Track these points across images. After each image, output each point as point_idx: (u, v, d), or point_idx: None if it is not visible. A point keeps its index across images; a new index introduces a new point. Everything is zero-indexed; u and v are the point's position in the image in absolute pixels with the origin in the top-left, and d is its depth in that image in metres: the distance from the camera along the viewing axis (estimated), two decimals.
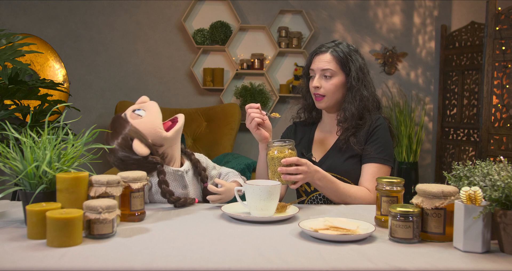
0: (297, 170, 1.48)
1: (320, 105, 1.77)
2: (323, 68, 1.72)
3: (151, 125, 1.50)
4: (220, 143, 3.68)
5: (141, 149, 1.46)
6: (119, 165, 1.51)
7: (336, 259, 1.00)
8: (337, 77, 1.73)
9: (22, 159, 1.18)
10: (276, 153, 1.48)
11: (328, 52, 1.74)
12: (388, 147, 1.72)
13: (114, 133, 1.50)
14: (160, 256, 1.00)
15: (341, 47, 1.75)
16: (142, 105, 1.56)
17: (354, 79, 1.72)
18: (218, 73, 4.05)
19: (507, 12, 3.24)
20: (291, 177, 1.48)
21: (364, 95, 1.73)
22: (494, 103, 3.32)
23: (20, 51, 2.09)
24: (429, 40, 4.23)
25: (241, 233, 1.20)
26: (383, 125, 1.73)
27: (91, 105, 4.09)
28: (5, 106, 2.30)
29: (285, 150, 1.48)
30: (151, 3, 4.07)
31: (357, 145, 1.70)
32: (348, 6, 4.16)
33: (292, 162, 1.47)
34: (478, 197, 1.05)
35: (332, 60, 1.73)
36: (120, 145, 1.48)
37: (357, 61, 1.74)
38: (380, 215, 1.30)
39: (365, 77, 1.75)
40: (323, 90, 1.73)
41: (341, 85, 1.74)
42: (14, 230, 1.18)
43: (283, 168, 1.47)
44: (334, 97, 1.74)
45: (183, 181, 1.57)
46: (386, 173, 1.70)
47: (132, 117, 1.52)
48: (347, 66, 1.73)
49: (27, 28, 3.91)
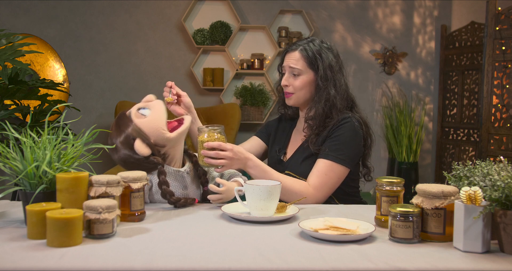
0: (218, 154, 1.51)
1: (289, 102, 1.78)
2: (290, 66, 1.74)
3: (154, 126, 1.50)
4: None
5: (142, 149, 1.46)
6: (121, 163, 1.51)
7: (336, 259, 1.00)
8: (305, 76, 1.73)
9: (22, 159, 1.18)
10: (206, 137, 1.52)
11: (298, 50, 1.74)
12: (348, 147, 1.65)
13: (118, 131, 1.50)
14: (160, 256, 1.00)
15: (311, 45, 1.74)
16: (148, 104, 1.55)
17: (321, 79, 1.71)
18: (218, 73, 4.05)
19: (507, 12, 3.24)
20: (212, 161, 1.51)
21: (332, 94, 1.70)
22: (494, 103, 3.32)
23: (20, 51, 2.09)
24: (429, 40, 4.23)
25: (241, 233, 1.20)
26: (348, 125, 1.68)
27: (91, 105, 4.09)
28: (5, 106, 2.30)
29: (214, 135, 1.53)
30: (151, 3, 4.07)
31: (315, 145, 1.68)
32: (348, 6, 4.16)
33: (213, 146, 1.51)
34: (478, 197, 1.05)
35: (300, 58, 1.73)
36: (122, 144, 1.48)
37: (327, 59, 1.72)
38: (380, 215, 1.30)
39: (334, 76, 1.72)
40: (291, 88, 1.75)
41: (308, 83, 1.73)
42: (14, 230, 1.18)
43: (206, 151, 1.51)
44: (301, 94, 1.75)
45: (183, 182, 1.57)
46: (339, 173, 1.64)
47: (136, 116, 1.51)
48: (315, 64, 1.72)
49: (27, 28, 3.91)
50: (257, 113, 4.05)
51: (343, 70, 1.79)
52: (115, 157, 1.51)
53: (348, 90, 1.79)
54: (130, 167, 1.48)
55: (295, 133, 1.87)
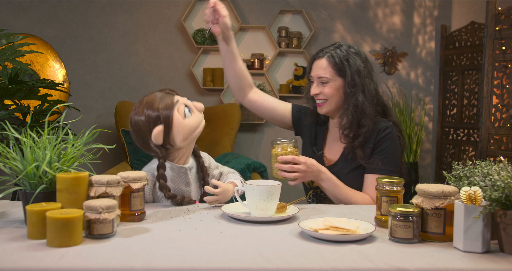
0: (292, 168, 1.52)
1: (321, 110, 1.76)
2: (319, 75, 1.72)
3: (186, 130, 1.51)
4: (220, 143, 3.68)
5: (158, 137, 1.47)
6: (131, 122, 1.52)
7: (336, 259, 1.00)
8: (334, 82, 1.71)
9: (22, 159, 1.18)
10: (280, 150, 1.54)
11: (325, 58, 1.72)
12: (395, 156, 1.69)
13: (152, 106, 1.49)
14: (160, 256, 1.00)
15: (338, 52, 1.72)
16: (193, 109, 1.56)
17: (349, 85, 1.69)
18: (218, 73, 4.05)
19: (507, 12, 3.24)
20: (286, 174, 1.53)
21: (360, 100, 1.68)
22: (494, 103, 3.32)
23: (20, 51, 2.09)
24: (429, 40, 4.23)
25: (241, 233, 1.20)
26: (391, 136, 1.69)
27: (91, 105, 4.09)
28: (5, 106, 2.30)
29: (287, 148, 1.54)
30: (151, 3, 4.07)
31: (363, 159, 1.67)
32: (348, 6, 4.16)
33: (287, 159, 1.52)
34: (478, 197, 1.05)
35: (328, 66, 1.71)
36: (148, 118, 1.48)
37: (354, 64, 1.70)
38: (380, 215, 1.30)
39: (362, 81, 1.70)
40: (323, 96, 1.73)
41: (337, 89, 1.71)
42: (14, 230, 1.18)
43: (279, 165, 1.52)
44: (333, 101, 1.72)
45: (186, 178, 1.57)
46: None
47: (179, 110, 1.52)
48: (343, 71, 1.70)
49: (27, 28, 3.91)
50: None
51: (372, 75, 1.76)
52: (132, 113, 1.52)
53: (379, 95, 1.76)
54: (134, 132, 1.51)
55: (329, 137, 1.84)
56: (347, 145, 1.71)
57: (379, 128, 1.69)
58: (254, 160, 3.27)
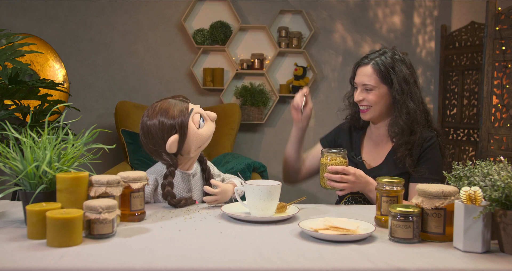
0: (342, 178, 1.54)
1: (365, 117, 1.77)
2: (363, 82, 1.72)
3: (200, 140, 1.51)
4: (220, 143, 3.68)
5: (172, 146, 1.47)
6: (143, 126, 1.50)
7: (336, 259, 1.00)
8: (379, 90, 1.72)
9: (22, 159, 1.18)
10: (329, 160, 1.56)
11: (370, 65, 1.72)
12: (440, 165, 1.73)
13: (167, 113, 1.48)
14: (160, 256, 1.00)
15: (383, 59, 1.72)
16: (207, 118, 1.55)
17: (397, 92, 1.69)
18: (218, 73, 4.04)
19: (507, 12, 3.24)
20: (335, 184, 1.55)
21: (411, 107, 1.69)
22: (494, 103, 3.32)
23: (20, 51, 2.09)
24: (429, 40, 4.23)
25: (241, 233, 1.20)
26: (436, 145, 1.72)
27: (91, 105, 4.09)
28: (5, 106, 2.30)
29: (337, 158, 1.57)
30: (151, 3, 4.07)
31: (411, 167, 1.69)
32: (348, 6, 4.16)
33: (337, 170, 1.54)
34: (478, 197, 1.05)
35: (373, 73, 1.71)
36: (162, 125, 1.47)
37: (400, 72, 1.70)
38: (380, 215, 1.30)
39: (410, 88, 1.71)
40: (367, 102, 1.73)
41: (382, 96, 1.72)
42: (14, 230, 1.18)
43: (329, 175, 1.54)
44: (377, 108, 1.73)
45: (189, 184, 1.57)
46: None
47: (193, 119, 1.51)
48: (388, 78, 1.70)
49: (27, 28, 3.91)
50: (257, 113, 4.05)
51: (418, 83, 1.77)
52: (145, 118, 1.50)
53: (424, 103, 1.78)
54: (145, 137, 1.49)
55: (368, 142, 1.85)
56: (401, 152, 1.71)
57: (424, 138, 1.71)
58: (254, 160, 3.27)
